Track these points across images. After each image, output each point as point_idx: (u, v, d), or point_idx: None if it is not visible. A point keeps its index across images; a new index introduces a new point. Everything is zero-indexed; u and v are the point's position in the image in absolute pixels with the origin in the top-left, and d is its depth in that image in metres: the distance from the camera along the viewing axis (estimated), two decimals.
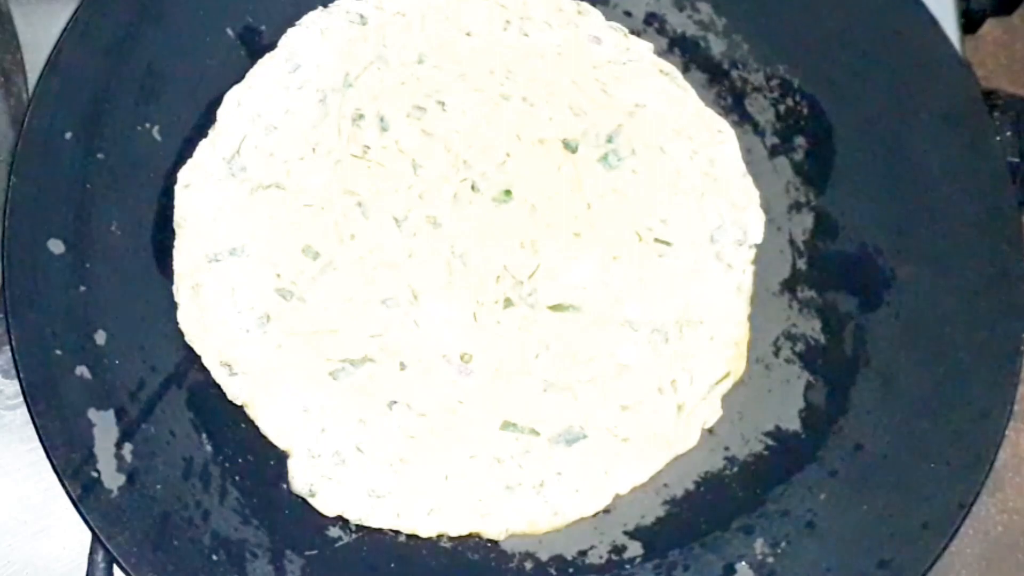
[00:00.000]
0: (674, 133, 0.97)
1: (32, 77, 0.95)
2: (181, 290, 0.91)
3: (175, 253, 0.92)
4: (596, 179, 0.96)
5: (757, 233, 0.96)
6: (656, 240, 0.94)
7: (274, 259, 0.92)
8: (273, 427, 0.89)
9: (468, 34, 0.99)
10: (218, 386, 0.90)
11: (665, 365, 0.92)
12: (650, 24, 1.02)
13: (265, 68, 0.97)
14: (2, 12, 0.97)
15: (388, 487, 0.88)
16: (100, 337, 0.87)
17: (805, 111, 0.99)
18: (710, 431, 0.92)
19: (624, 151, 0.96)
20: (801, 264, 0.96)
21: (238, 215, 0.93)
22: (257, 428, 0.90)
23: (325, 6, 0.99)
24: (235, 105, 0.96)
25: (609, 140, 0.96)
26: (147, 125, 0.92)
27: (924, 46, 0.97)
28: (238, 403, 0.90)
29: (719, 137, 0.98)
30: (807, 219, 0.97)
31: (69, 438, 0.84)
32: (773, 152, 0.99)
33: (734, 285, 0.94)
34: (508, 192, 0.94)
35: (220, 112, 0.95)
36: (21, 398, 0.84)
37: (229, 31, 0.96)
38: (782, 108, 0.99)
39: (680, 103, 0.98)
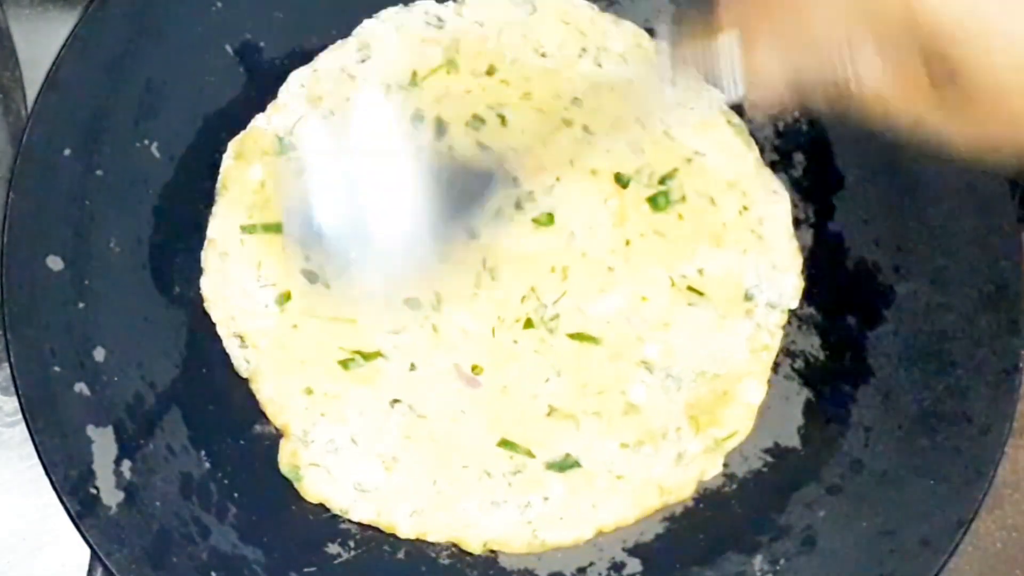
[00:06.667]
0: (728, 186, 0.96)
1: (31, 94, 0.95)
2: (209, 256, 0.92)
3: (211, 219, 0.93)
4: (641, 218, 0.94)
5: (793, 299, 0.94)
6: (689, 288, 0.93)
7: (306, 240, 0.92)
8: (273, 403, 0.90)
9: (542, 55, 0.98)
10: (217, 402, 0.90)
11: (674, 412, 0.91)
12: None
13: (333, 54, 0.97)
14: (1, 28, 0.97)
15: (375, 483, 0.88)
16: (99, 354, 0.87)
17: (804, 127, 0.98)
18: None
19: (675, 195, 0.95)
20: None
21: (279, 192, 0.93)
22: (256, 444, 0.90)
23: (406, 4, 0.98)
24: (297, 86, 0.96)
25: (662, 182, 0.95)
26: (146, 142, 0.92)
27: None
28: (243, 375, 0.90)
29: (773, 197, 0.96)
30: (806, 236, 0.96)
31: (68, 455, 0.84)
32: (772, 169, 0.98)
33: (759, 346, 0.93)
34: (551, 216, 0.94)
35: (281, 90, 0.96)
36: (20, 415, 0.84)
37: (228, 47, 0.96)
38: (781, 124, 0.99)
39: (740, 158, 0.97)
